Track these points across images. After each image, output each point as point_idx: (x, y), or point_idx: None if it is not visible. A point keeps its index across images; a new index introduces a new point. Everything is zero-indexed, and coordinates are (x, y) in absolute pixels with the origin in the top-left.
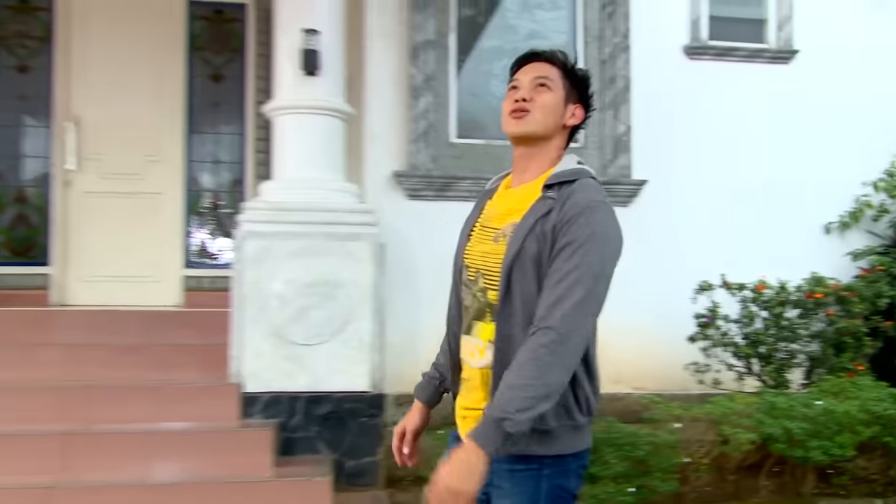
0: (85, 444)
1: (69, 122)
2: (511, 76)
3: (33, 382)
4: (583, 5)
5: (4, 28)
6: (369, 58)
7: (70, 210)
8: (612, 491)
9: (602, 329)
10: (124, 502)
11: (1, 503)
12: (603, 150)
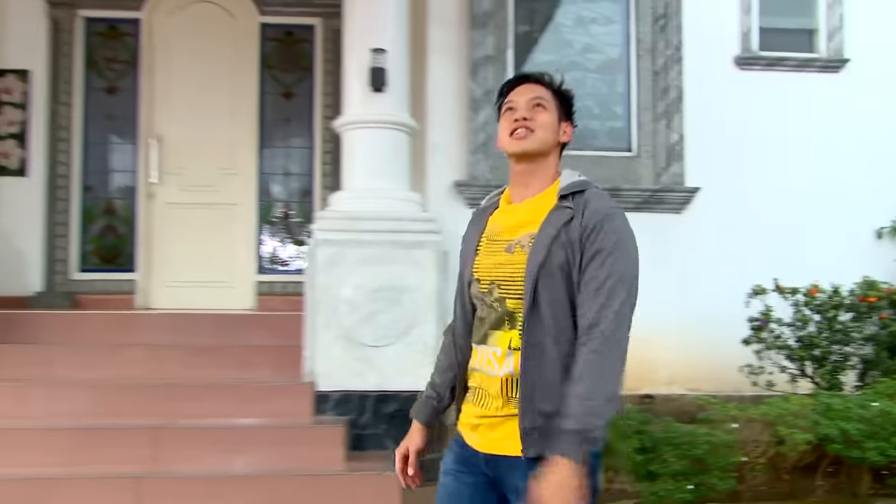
0: (172, 438)
1: (152, 139)
2: (502, 98)
3: (122, 380)
4: (636, 19)
5: (95, 53)
6: (430, 74)
7: (153, 220)
8: (671, 488)
9: (656, 332)
10: (208, 492)
11: (98, 490)
12: (656, 158)
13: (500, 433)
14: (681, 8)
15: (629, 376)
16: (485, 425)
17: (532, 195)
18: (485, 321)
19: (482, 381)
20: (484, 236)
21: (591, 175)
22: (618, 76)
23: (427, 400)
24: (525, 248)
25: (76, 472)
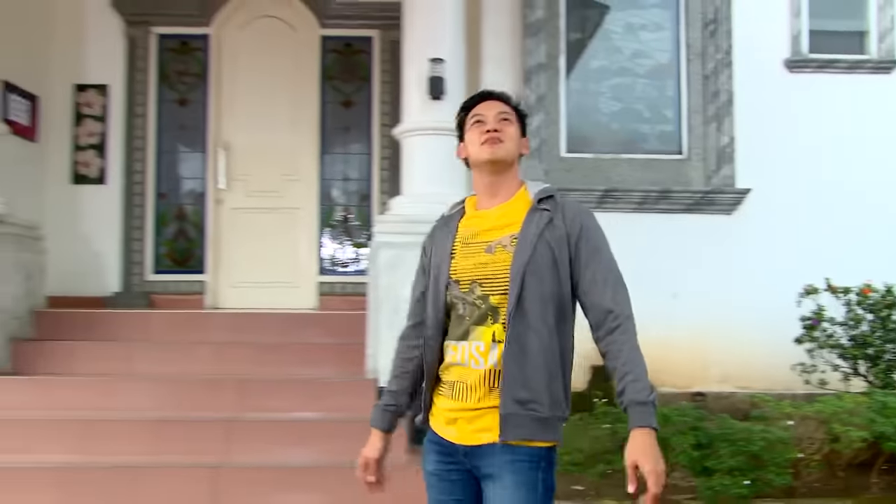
0: (244, 430)
1: (220, 148)
2: (464, 113)
3: (196, 375)
4: (685, 25)
5: (168, 67)
6: (485, 81)
7: (221, 224)
8: (727, 483)
9: (707, 331)
10: (279, 481)
11: (178, 478)
12: (707, 161)
13: (479, 424)
14: (730, 13)
15: (681, 374)
16: (464, 418)
17: (502, 201)
18: (465, 319)
19: (461, 376)
20: (457, 241)
21: (642, 178)
22: (668, 81)
23: (385, 408)
24: (507, 247)
25: (158, 461)
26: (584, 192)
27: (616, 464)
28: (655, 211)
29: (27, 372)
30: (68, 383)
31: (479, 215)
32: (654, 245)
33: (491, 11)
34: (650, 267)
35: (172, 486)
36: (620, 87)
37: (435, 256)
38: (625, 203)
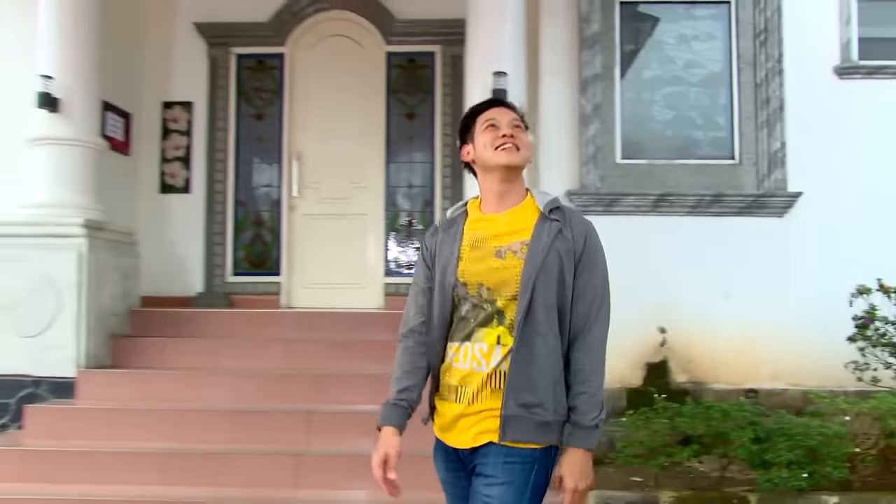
0: (322, 421)
1: (294, 158)
2: (471, 119)
3: (273, 370)
4: (737, 35)
5: (246, 84)
6: (543, 92)
7: (294, 229)
8: (785, 476)
9: (760, 330)
10: (355, 468)
11: (264, 464)
12: (758, 165)
13: (482, 426)
14: (781, 23)
15: (733, 371)
16: (467, 422)
17: (510, 206)
18: (470, 320)
19: (464, 379)
20: (465, 244)
21: (695, 182)
22: (720, 89)
23: (396, 405)
24: (517, 253)
25: (245, 449)
26: (638, 197)
27: (676, 456)
28: (708, 214)
29: (125, 366)
30: (162, 376)
31: (487, 219)
32: (707, 247)
33: (548, 25)
34: (704, 268)
35: (258, 471)
36: (674, 95)
37: (440, 257)
38: (679, 207)
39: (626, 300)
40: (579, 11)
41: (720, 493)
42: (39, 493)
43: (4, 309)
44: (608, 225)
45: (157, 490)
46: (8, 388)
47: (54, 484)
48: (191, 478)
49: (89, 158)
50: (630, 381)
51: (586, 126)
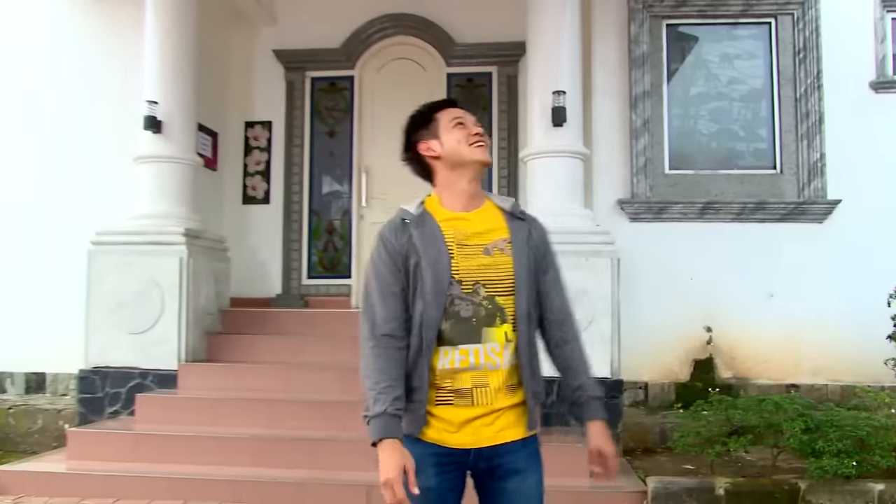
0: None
1: (362, 172)
2: (429, 116)
3: (349, 364)
4: (777, 53)
5: (319, 104)
6: (595, 108)
7: (363, 236)
8: (835, 464)
9: (802, 328)
10: None
11: (352, 451)
12: (799, 174)
13: (500, 423)
14: (819, 41)
15: (775, 367)
16: (483, 422)
17: (478, 206)
18: (472, 320)
19: (478, 380)
20: (451, 242)
21: (739, 191)
22: (761, 103)
23: (395, 415)
24: (504, 251)
25: (331, 436)
26: (686, 205)
27: (730, 446)
28: (752, 221)
29: (219, 360)
30: (252, 370)
31: (460, 217)
32: (751, 251)
33: (599, 47)
34: (748, 270)
35: (344, 456)
36: (718, 110)
37: (425, 257)
38: (724, 214)
39: (674, 301)
40: (629, 33)
41: (771, 481)
42: (150, 471)
43: (114, 309)
44: (658, 231)
45: (252, 471)
46: (119, 379)
47: (162, 464)
48: (283, 461)
49: (187, 174)
50: (678, 376)
51: (636, 139)
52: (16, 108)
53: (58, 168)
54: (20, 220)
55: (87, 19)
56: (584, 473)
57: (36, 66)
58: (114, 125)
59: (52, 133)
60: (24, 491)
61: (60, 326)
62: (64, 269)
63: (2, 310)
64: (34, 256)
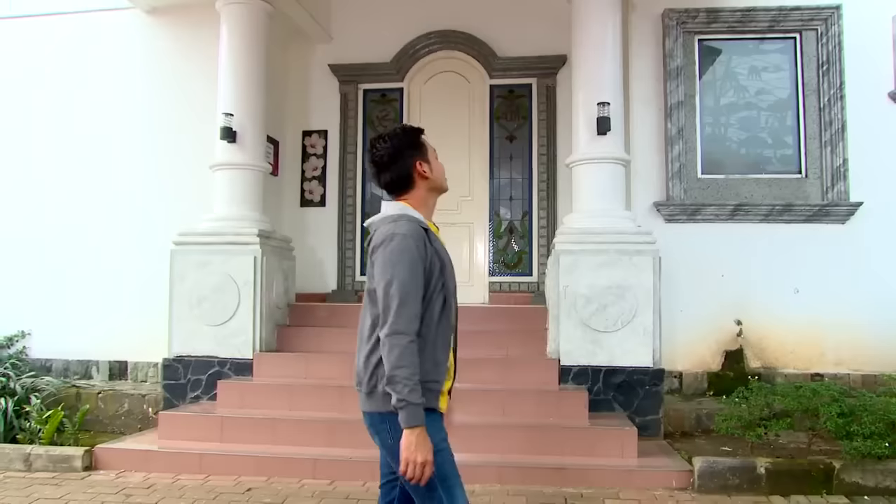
0: (457, 397)
1: None
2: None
3: None
4: (801, 66)
5: (371, 114)
6: (633, 117)
7: None
8: (869, 445)
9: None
10: (489, 437)
11: None
12: (823, 179)
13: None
14: (841, 55)
15: (801, 357)
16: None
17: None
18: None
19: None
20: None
21: (766, 194)
22: (787, 112)
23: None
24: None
25: None
26: (717, 207)
27: (770, 428)
28: (779, 221)
29: (288, 350)
30: (320, 359)
31: (435, 229)
32: (778, 249)
33: (637, 61)
34: (775, 268)
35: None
36: (746, 118)
37: (448, 263)
38: (753, 216)
39: (707, 296)
40: (664, 48)
41: (807, 461)
42: (236, 450)
43: (195, 303)
44: (691, 231)
45: (326, 451)
46: (200, 367)
47: (246, 444)
48: (353, 441)
49: (258, 179)
50: (710, 366)
51: (671, 146)
52: (101, 121)
53: (137, 175)
54: (105, 224)
55: (166, 40)
56: (633, 454)
57: (119, 83)
58: (189, 135)
59: (133, 143)
60: (123, 467)
61: (140, 319)
62: (143, 267)
63: (89, 304)
64: (116, 256)
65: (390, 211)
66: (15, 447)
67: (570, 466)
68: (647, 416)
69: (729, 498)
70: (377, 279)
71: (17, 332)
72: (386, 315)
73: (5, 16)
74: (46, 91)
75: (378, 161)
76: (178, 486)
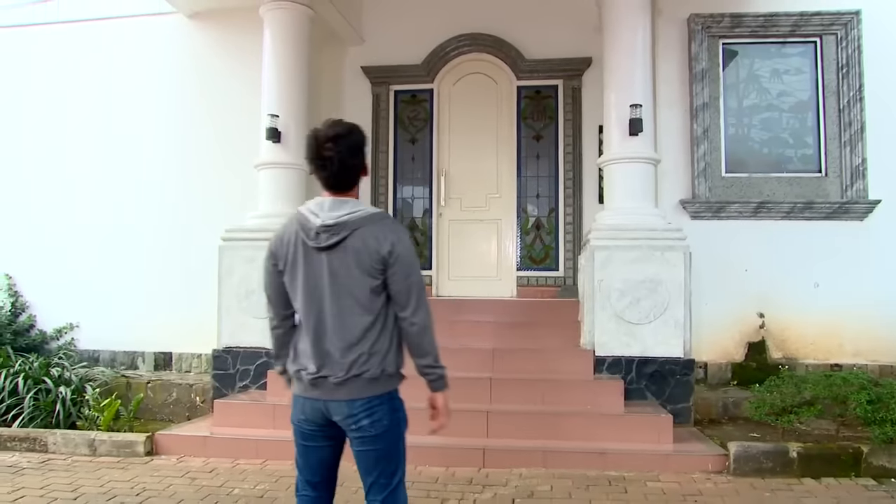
0: (501, 386)
1: (441, 174)
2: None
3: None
4: (822, 69)
5: (402, 115)
6: (660, 118)
7: (442, 232)
8: None
9: (843, 314)
10: (529, 423)
11: (460, 420)
12: (842, 177)
13: None
14: (861, 58)
15: (820, 348)
16: None
17: None
18: None
19: None
20: None
21: (787, 192)
22: (808, 114)
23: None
24: None
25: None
26: (741, 205)
27: (801, 414)
28: (800, 218)
29: None
30: None
31: None
32: (799, 245)
33: (663, 64)
34: (796, 263)
35: (455, 423)
36: (769, 119)
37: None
38: (775, 213)
39: (730, 290)
40: (689, 52)
41: (837, 445)
42: (287, 437)
43: (243, 297)
44: (716, 228)
45: None
46: (248, 358)
47: None
48: (412, 428)
49: (301, 178)
50: (734, 357)
51: (697, 146)
52: (150, 124)
53: (183, 174)
54: (148, 222)
55: (207, 44)
56: (669, 439)
57: (166, 87)
58: (233, 136)
59: (181, 144)
60: (182, 452)
61: (185, 312)
62: (186, 263)
63: (136, 298)
64: (161, 253)
65: (358, 207)
66: (80, 433)
67: (610, 451)
68: (679, 405)
69: (763, 480)
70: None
71: (66, 324)
72: (418, 304)
73: (52, 21)
74: (93, 94)
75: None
76: (239, 469)
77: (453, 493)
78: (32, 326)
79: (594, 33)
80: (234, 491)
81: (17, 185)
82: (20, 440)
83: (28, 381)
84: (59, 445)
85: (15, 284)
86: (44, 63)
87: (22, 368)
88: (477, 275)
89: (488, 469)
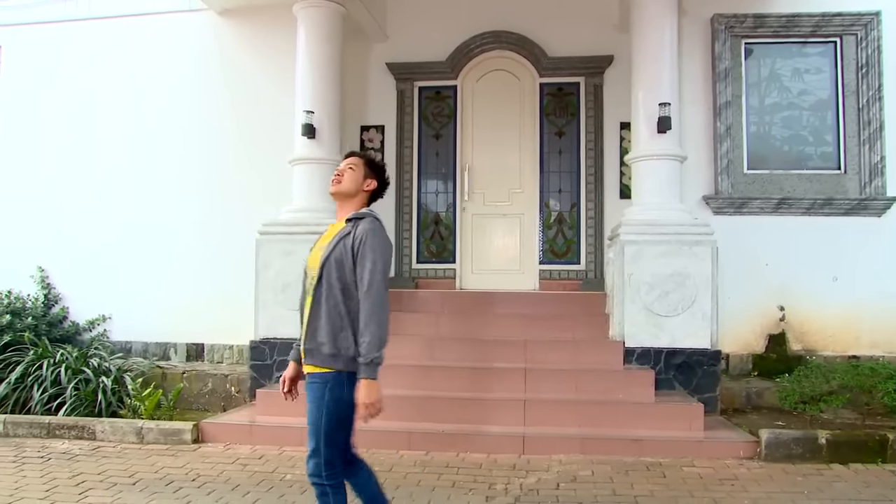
0: (535, 376)
1: (464, 169)
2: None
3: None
4: (842, 69)
5: (426, 110)
6: (684, 116)
7: (465, 226)
8: None
9: (861, 307)
10: (564, 411)
11: (497, 407)
12: (861, 174)
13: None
14: (880, 58)
15: (838, 340)
16: None
17: (338, 221)
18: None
19: None
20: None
21: (807, 188)
22: (827, 112)
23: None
24: (324, 249)
25: (479, 396)
26: (763, 201)
27: (831, 403)
28: (820, 214)
29: None
30: (402, 340)
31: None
32: (819, 240)
33: (687, 63)
34: (816, 257)
35: (494, 412)
36: (789, 118)
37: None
38: (796, 209)
39: (752, 283)
40: (713, 51)
41: (864, 432)
42: None
43: (280, 289)
44: (738, 223)
45: (417, 425)
46: (285, 349)
47: None
48: (437, 415)
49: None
50: (755, 348)
51: (720, 143)
52: (181, 120)
53: (212, 170)
54: (184, 218)
55: (237, 40)
56: (700, 427)
57: (197, 84)
58: (266, 133)
59: (212, 140)
60: (228, 440)
61: (216, 304)
62: (218, 256)
63: (168, 290)
64: (194, 246)
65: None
66: (127, 421)
67: (645, 438)
68: (706, 394)
69: (794, 466)
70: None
71: (98, 315)
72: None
73: (82, 17)
74: (125, 91)
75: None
76: (287, 456)
77: (499, 478)
78: (65, 318)
79: (615, 32)
80: (287, 476)
81: (49, 180)
82: (69, 428)
83: (68, 371)
84: (107, 433)
85: (48, 277)
86: (75, 59)
87: (63, 359)
88: (500, 268)
89: (528, 455)
